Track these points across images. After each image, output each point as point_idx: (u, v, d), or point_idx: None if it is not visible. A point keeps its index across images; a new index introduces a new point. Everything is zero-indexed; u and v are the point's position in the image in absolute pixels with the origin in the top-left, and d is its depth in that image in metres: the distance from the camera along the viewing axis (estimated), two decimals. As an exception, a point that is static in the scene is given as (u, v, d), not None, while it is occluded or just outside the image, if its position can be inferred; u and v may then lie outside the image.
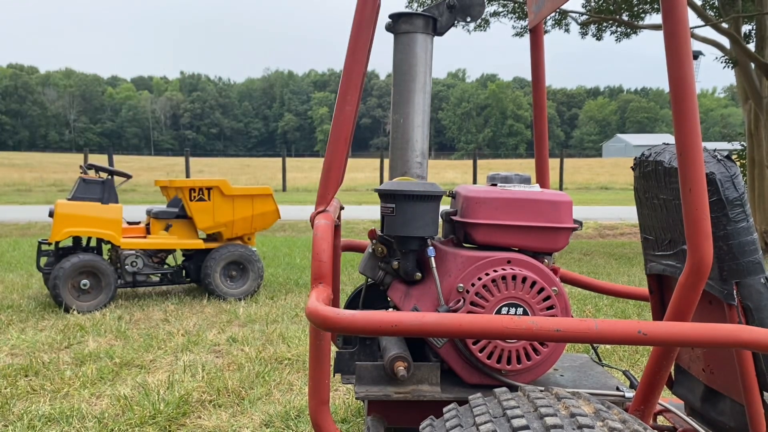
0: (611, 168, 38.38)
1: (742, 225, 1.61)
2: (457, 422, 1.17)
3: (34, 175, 26.49)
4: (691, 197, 1.37)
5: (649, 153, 1.90)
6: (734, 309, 1.62)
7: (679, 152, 1.39)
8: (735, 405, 1.80)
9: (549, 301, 1.71)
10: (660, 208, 1.85)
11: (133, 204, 14.63)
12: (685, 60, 1.37)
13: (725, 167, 1.62)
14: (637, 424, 1.12)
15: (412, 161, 2.06)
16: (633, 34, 11.34)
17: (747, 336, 1.22)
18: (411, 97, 2.04)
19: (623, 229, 12.69)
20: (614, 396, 1.76)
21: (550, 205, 1.82)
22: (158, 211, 6.03)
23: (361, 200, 17.87)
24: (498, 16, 11.40)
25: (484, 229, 1.81)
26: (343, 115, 1.72)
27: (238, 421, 3.09)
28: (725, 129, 17.80)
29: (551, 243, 1.82)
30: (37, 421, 3.04)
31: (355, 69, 1.71)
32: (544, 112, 2.43)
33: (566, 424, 1.05)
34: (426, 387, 1.73)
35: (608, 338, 1.23)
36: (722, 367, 1.83)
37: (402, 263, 1.90)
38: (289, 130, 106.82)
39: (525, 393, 1.20)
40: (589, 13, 11.06)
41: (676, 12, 1.37)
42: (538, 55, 2.37)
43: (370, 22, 1.73)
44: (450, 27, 2.08)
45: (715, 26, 9.71)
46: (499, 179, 1.94)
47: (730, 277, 1.62)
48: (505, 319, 1.23)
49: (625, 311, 5.44)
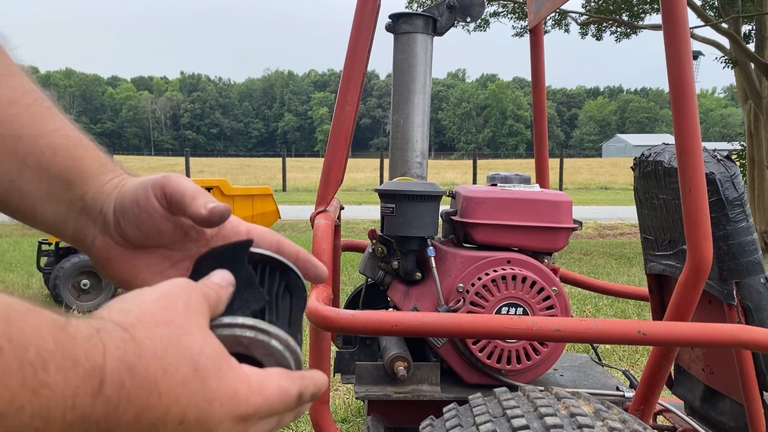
0: (611, 168, 38.38)
1: (742, 225, 1.61)
2: (457, 422, 1.18)
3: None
4: (691, 197, 1.37)
5: (649, 153, 1.91)
6: (734, 309, 1.63)
7: (679, 152, 1.39)
8: (735, 405, 1.80)
9: (549, 301, 1.71)
10: (660, 208, 1.86)
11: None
12: (684, 60, 1.37)
13: (725, 167, 1.63)
14: (636, 423, 1.12)
15: (412, 161, 2.06)
16: (633, 34, 11.35)
17: (746, 336, 1.22)
18: (411, 98, 2.04)
19: (623, 229, 12.69)
20: (614, 396, 1.76)
21: (550, 205, 1.82)
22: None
23: (361, 200, 17.87)
24: (498, 16, 11.41)
25: (483, 229, 1.81)
26: (343, 115, 1.72)
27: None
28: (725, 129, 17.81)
29: (551, 243, 1.82)
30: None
31: (355, 69, 1.71)
32: (544, 112, 2.43)
33: (566, 423, 1.05)
34: (426, 387, 1.73)
35: (608, 338, 1.24)
36: (722, 367, 1.83)
37: (402, 263, 1.90)
38: (289, 130, 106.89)
39: (525, 393, 1.20)
40: (588, 14, 11.07)
41: (675, 12, 1.37)
42: (538, 56, 2.37)
43: (370, 22, 1.73)
44: (450, 27, 2.08)
45: (715, 26, 9.72)
46: (499, 179, 1.94)
47: (729, 277, 1.62)
48: (505, 319, 1.23)
49: (624, 311, 5.44)
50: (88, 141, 0.64)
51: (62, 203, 0.62)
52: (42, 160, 0.61)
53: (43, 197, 0.62)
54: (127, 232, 0.61)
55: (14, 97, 0.61)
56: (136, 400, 0.40)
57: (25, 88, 0.62)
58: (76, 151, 0.62)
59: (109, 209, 0.62)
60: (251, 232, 0.63)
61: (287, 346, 0.51)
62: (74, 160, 0.62)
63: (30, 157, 0.60)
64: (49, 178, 0.61)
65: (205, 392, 0.44)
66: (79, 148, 0.63)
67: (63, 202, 0.62)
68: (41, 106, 0.62)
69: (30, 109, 0.61)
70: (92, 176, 0.62)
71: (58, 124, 0.63)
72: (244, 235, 0.62)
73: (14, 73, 0.62)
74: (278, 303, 0.55)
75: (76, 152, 0.62)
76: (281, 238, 0.63)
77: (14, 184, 0.61)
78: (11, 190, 0.61)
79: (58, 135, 0.62)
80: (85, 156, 0.63)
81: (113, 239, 0.62)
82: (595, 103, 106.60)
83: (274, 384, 0.48)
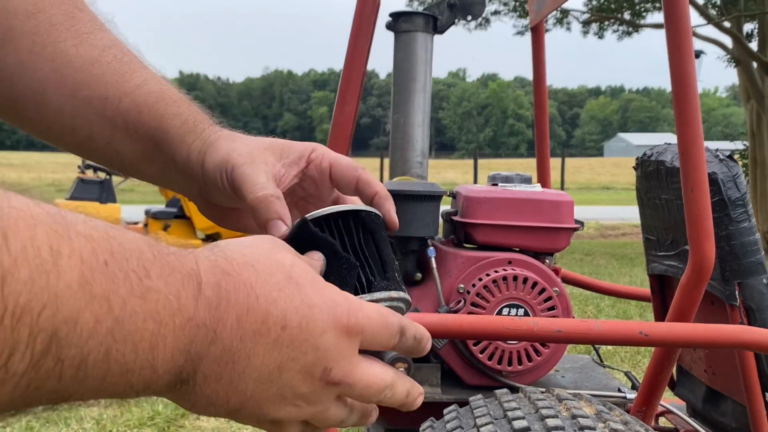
0: (613, 168, 38.38)
1: (745, 225, 1.60)
2: (457, 423, 1.17)
3: (32, 175, 26.48)
4: (693, 197, 1.36)
5: (651, 153, 1.90)
6: (736, 310, 1.62)
7: (681, 152, 1.38)
8: (737, 406, 1.79)
9: (550, 302, 1.70)
10: (662, 208, 1.85)
11: (131, 204, 14.62)
12: (687, 59, 1.36)
13: (727, 167, 1.62)
14: (638, 425, 1.11)
15: (413, 161, 2.05)
16: (635, 32, 11.35)
17: (749, 337, 1.21)
18: (411, 97, 2.04)
19: (625, 229, 12.69)
20: (616, 397, 1.75)
21: (552, 205, 1.81)
22: (157, 211, 6.04)
23: (362, 200, 17.85)
24: (499, 14, 11.41)
25: (484, 230, 1.80)
26: (343, 114, 1.71)
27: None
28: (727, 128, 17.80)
29: (552, 243, 1.81)
30: (35, 422, 3.04)
31: (354, 68, 1.70)
32: (545, 112, 2.42)
33: (567, 425, 1.04)
34: (426, 388, 1.72)
35: (609, 339, 1.23)
36: (724, 368, 1.83)
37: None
38: (289, 129, 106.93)
39: (526, 394, 1.20)
40: (590, 12, 11.06)
41: (677, 11, 1.36)
42: (539, 54, 2.36)
43: (370, 20, 1.72)
44: (450, 25, 2.07)
45: (717, 25, 9.71)
46: (500, 179, 1.93)
47: (732, 278, 1.61)
48: (506, 319, 1.22)
49: (626, 312, 5.43)
50: (168, 93, 0.63)
51: (157, 163, 0.63)
52: (129, 121, 0.60)
53: (139, 157, 0.62)
54: (220, 203, 0.63)
55: (95, 56, 0.60)
56: (235, 302, 0.41)
57: (105, 45, 0.61)
58: (158, 108, 0.61)
59: (198, 176, 0.62)
60: (334, 165, 0.62)
61: (393, 300, 0.52)
62: (157, 119, 0.61)
63: (118, 119, 0.60)
64: (139, 139, 0.61)
65: (302, 297, 0.44)
66: (160, 105, 0.61)
67: (157, 162, 0.63)
68: (121, 61, 0.61)
69: (111, 66, 0.60)
70: (176, 136, 0.62)
71: (140, 78, 0.61)
72: (327, 170, 0.62)
73: (94, 30, 0.61)
74: (365, 253, 0.54)
75: (158, 109, 0.61)
76: (360, 175, 0.61)
77: (111, 146, 0.61)
78: (110, 151, 0.62)
79: (141, 92, 0.61)
80: (167, 114, 0.61)
81: (210, 202, 0.64)
82: (596, 102, 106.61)
83: (373, 308, 0.48)
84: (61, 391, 0.34)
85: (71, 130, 0.61)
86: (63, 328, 0.32)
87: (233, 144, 0.61)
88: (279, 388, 0.44)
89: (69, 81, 0.59)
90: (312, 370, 0.44)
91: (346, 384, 0.46)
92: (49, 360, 0.32)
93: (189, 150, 0.62)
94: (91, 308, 0.33)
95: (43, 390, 0.33)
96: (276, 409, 0.45)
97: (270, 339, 0.42)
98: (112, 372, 0.35)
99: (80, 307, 0.32)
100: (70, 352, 0.32)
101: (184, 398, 0.43)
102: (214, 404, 0.43)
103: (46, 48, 0.58)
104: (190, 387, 0.42)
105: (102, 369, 0.35)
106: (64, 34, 0.59)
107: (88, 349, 0.33)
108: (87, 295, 0.33)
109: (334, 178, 0.62)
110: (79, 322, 0.32)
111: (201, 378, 0.41)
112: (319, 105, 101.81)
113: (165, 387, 0.41)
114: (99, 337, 0.34)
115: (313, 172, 0.62)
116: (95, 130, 0.60)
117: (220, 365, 0.41)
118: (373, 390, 0.48)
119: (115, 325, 0.34)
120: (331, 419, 0.48)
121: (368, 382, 0.47)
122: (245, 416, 0.46)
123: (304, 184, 0.64)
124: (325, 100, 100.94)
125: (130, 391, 0.38)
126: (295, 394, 0.45)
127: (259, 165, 0.58)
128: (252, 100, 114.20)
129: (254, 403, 0.44)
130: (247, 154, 0.59)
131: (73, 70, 0.59)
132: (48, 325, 0.31)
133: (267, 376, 0.43)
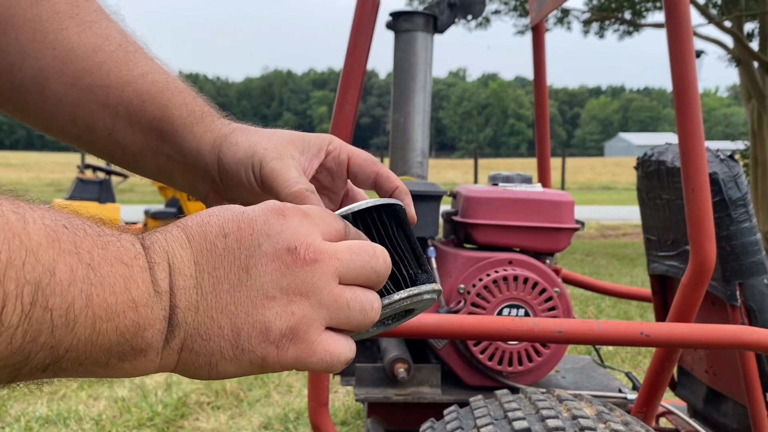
0: (613, 168, 38.36)
1: (745, 225, 1.60)
2: (457, 424, 1.16)
3: (31, 175, 26.46)
4: (694, 197, 1.36)
5: (652, 152, 1.89)
6: (737, 310, 1.61)
7: (682, 152, 1.38)
8: (738, 407, 1.78)
9: (551, 302, 1.70)
10: (663, 208, 1.84)
11: (130, 204, 14.62)
12: (687, 59, 1.36)
13: (728, 167, 1.61)
14: (639, 426, 1.11)
15: (413, 161, 2.05)
16: (635, 32, 11.33)
17: (750, 337, 1.21)
18: (411, 96, 2.03)
19: (625, 229, 12.68)
20: (616, 398, 1.75)
21: (552, 205, 1.80)
22: (156, 211, 6.03)
23: (363, 200, 17.85)
24: (499, 14, 11.40)
25: (485, 230, 1.80)
26: (343, 114, 1.71)
27: (237, 423, 3.08)
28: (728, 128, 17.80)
29: (553, 243, 1.81)
30: (34, 423, 3.03)
31: (354, 67, 1.70)
32: (546, 111, 2.42)
33: (568, 426, 1.04)
34: (426, 389, 1.72)
35: (610, 339, 1.22)
36: (725, 368, 1.82)
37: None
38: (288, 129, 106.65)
39: (526, 395, 1.19)
40: (591, 11, 11.04)
41: (678, 10, 1.35)
42: (540, 54, 2.36)
43: (370, 20, 1.72)
44: (450, 25, 2.06)
45: (718, 25, 9.70)
46: (500, 179, 1.92)
47: (733, 278, 1.61)
48: (507, 320, 1.21)
49: (627, 312, 5.42)
50: (174, 84, 0.61)
51: (161, 155, 0.61)
52: (131, 110, 0.59)
53: (141, 149, 0.61)
54: (237, 198, 0.61)
55: (98, 44, 0.59)
56: (178, 237, 0.45)
57: (109, 33, 0.60)
58: (163, 98, 0.60)
59: (213, 172, 0.60)
60: (352, 158, 0.61)
61: (435, 291, 0.53)
62: (162, 108, 0.60)
63: (120, 108, 0.59)
64: (142, 130, 0.60)
65: (235, 209, 0.47)
66: (165, 94, 0.60)
67: (161, 155, 0.61)
68: (126, 50, 0.60)
69: (114, 55, 0.59)
70: (182, 127, 0.60)
71: (144, 68, 0.60)
72: (344, 162, 0.61)
73: (99, 19, 0.60)
74: (402, 247, 0.54)
75: (163, 99, 0.60)
76: (379, 170, 0.61)
77: (112, 137, 0.60)
78: (111, 143, 0.61)
79: (145, 81, 0.59)
80: (172, 103, 0.60)
81: (227, 198, 0.62)
82: (597, 102, 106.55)
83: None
84: (56, 345, 0.36)
85: (72, 120, 0.59)
86: (44, 279, 0.35)
87: (253, 137, 0.59)
88: (258, 288, 0.43)
89: (70, 69, 0.58)
90: (278, 257, 0.44)
91: (328, 256, 0.45)
92: (38, 309, 0.35)
93: (199, 142, 0.60)
94: (63, 259, 0.36)
95: (39, 342, 0.35)
96: (274, 313, 0.43)
97: (219, 251, 0.43)
98: (99, 317, 0.37)
99: (54, 258, 0.36)
100: (55, 300, 0.35)
101: (187, 355, 0.43)
102: (212, 339, 0.43)
103: (48, 36, 0.57)
104: (182, 331, 0.42)
105: (89, 316, 0.37)
106: (67, 22, 0.58)
107: (71, 296, 0.36)
108: (57, 249, 0.36)
109: (352, 171, 0.61)
110: (56, 272, 0.36)
111: (182, 317, 0.42)
112: (319, 104, 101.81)
113: (159, 334, 0.41)
114: (78, 284, 0.37)
115: (330, 164, 0.62)
116: (96, 120, 0.59)
117: (190, 294, 0.42)
118: (361, 258, 0.46)
119: (89, 271, 0.37)
120: (341, 301, 0.45)
121: (352, 248, 0.46)
122: (252, 341, 0.43)
123: (320, 176, 0.63)
124: (325, 100, 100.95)
125: (124, 342, 0.39)
126: (278, 287, 0.44)
127: (287, 160, 0.58)
128: (251, 99, 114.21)
129: (246, 316, 0.43)
130: (273, 148, 0.58)
131: (75, 58, 0.58)
132: (31, 277, 0.34)
133: (237, 282, 0.43)
